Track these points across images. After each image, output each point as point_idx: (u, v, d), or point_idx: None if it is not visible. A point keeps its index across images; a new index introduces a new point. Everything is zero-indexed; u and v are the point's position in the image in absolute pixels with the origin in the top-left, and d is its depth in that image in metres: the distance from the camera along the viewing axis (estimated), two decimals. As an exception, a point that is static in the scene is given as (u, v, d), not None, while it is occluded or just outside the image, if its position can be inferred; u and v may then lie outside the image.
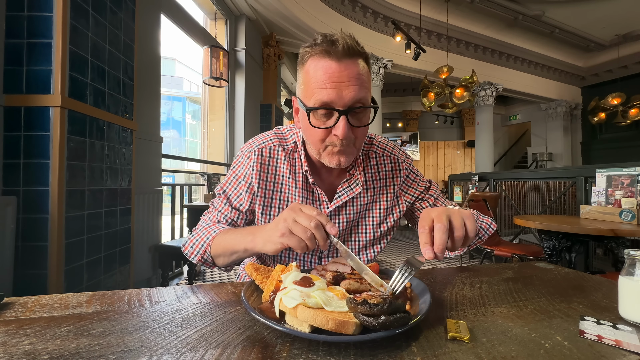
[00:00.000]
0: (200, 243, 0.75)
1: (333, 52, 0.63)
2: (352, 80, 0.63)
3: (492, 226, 0.83)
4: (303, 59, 0.67)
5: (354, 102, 0.64)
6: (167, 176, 3.41)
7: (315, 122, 0.66)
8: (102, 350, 0.38)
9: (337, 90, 0.63)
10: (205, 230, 0.77)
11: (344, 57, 0.63)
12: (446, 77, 5.23)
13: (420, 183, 0.87)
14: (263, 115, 5.06)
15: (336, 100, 0.63)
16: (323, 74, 0.63)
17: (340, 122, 0.64)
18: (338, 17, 5.65)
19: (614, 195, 2.09)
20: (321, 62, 0.64)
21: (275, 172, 0.79)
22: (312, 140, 0.70)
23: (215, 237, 0.73)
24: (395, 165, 0.84)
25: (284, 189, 0.78)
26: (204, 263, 0.76)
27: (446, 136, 11.36)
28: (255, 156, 0.78)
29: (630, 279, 0.48)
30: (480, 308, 0.52)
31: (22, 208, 1.38)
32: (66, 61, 1.44)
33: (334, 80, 0.63)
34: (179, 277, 3.13)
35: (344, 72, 0.63)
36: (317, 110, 0.65)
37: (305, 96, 0.67)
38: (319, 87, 0.63)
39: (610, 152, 8.71)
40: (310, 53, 0.66)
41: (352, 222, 0.80)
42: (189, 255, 0.77)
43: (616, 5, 6.09)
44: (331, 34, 0.65)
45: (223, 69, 3.61)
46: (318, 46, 0.64)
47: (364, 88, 0.65)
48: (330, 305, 0.41)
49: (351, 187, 0.78)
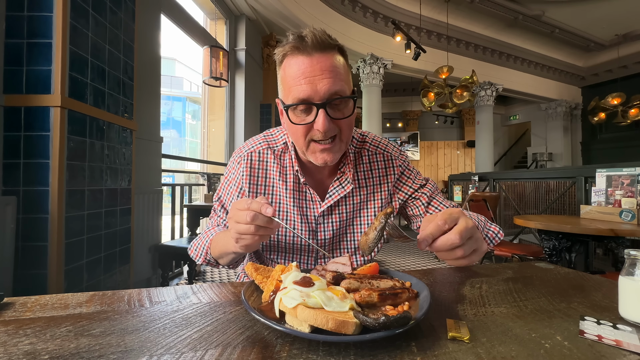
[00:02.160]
0: (201, 246, 0.80)
1: (302, 47, 0.64)
2: (325, 73, 0.63)
3: (499, 235, 0.80)
4: (278, 59, 0.69)
5: (330, 95, 0.64)
6: (167, 176, 3.41)
7: (295, 119, 0.66)
8: (102, 350, 0.38)
9: (311, 85, 0.63)
10: (205, 233, 0.83)
11: (314, 51, 0.63)
12: (446, 77, 5.24)
13: (415, 180, 0.85)
14: (263, 115, 5.06)
15: (312, 94, 0.63)
16: (297, 70, 0.64)
17: (320, 115, 0.64)
18: (338, 17, 5.65)
19: (614, 195, 2.09)
20: (293, 59, 0.65)
21: (265, 175, 0.79)
22: (295, 138, 0.70)
23: (212, 240, 0.78)
24: (389, 162, 0.83)
25: (275, 191, 0.78)
26: (209, 264, 0.81)
27: (446, 136, 11.36)
28: (245, 161, 0.79)
29: (630, 279, 0.48)
30: (480, 308, 0.52)
31: (22, 208, 1.38)
32: (66, 61, 1.44)
33: (307, 75, 0.63)
34: (179, 277, 3.13)
35: (316, 66, 0.63)
36: (296, 107, 0.65)
37: (284, 95, 0.68)
38: (295, 84, 0.64)
39: (610, 152, 8.71)
40: (282, 52, 0.67)
41: (346, 222, 0.80)
42: (195, 257, 0.82)
43: (616, 5, 6.09)
44: (300, 31, 0.66)
45: (223, 69, 3.61)
46: (289, 44, 0.65)
47: (339, 79, 0.64)
48: (330, 305, 0.41)
49: (342, 186, 0.77)
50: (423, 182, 0.86)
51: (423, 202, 0.83)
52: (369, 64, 6.25)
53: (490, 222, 0.82)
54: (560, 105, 9.25)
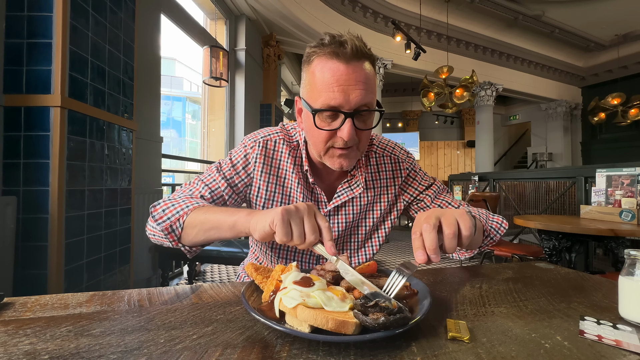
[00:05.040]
0: (176, 209, 0.67)
1: (341, 54, 0.62)
2: (359, 84, 0.62)
3: (503, 225, 0.78)
4: (310, 58, 0.66)
5: (360, 106, 0.63)
6: (167, 176, 3.41)
7: (321, 124, 0.66)
8: (102, 350, 0.38)
9: (344, 94, 0.62)
10: (187, 199, 0.70)
11: (352, 60, 0.62)
12: (446, 77, 5.23)
13: (421, 182, 0.84)
14: (263, 115, 5.06)
15: (343, 103, 0.63)
16: (330, 76, 0.62)
17: (346, 124, 0.64)
18: (338, 17, 5.65)
19: (614, 195, 2.09)
20: (329, 64, 0.63)
21: (278, 165, 0.78)
22: (315, 141, 0.70)
23: (196, 208, 0.66)
24: (396, 165, 0.83)
25: (287, 183, 0.78)
26: (168, 234, 0.66)
27: (446, 136, 11.36)
28: (260, 147, 0.77)
29: (630, 279, 0.48)
30: (480, 308, 0.52)
31: (22, 208, 1.38)
32: (66, 61, 1.44)
33: (342, 83, 0.62)
34: (179, 277, 3.14)
35: (351, 75, 0.62)
36: (323, 112, 0.64)
37: (310, 97, 0.66)
38: (326, 89, 0.63)
39: (610, 152, 8.71)
40: (317, 53, 0.65)
41: (352, 223, 0.80)
42: (157, 218, 0.67)
43: (616, 5, 6.09)
44: (339, 35, 0.64)
45: (223, 69, 3.61)
46: (326, 47, 0.63)
47: (370, 91, 0.64)
48: (330, 305, 0.41)
49: (351, 188, 0.78)
50: (429, 184, 0.85)
51: (427, 204, 0.84)
52: (369, 64, 6.24)
53: (492, 214, 0.81)
54: (560, 105, 9.25)
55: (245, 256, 1.37)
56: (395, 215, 0.84)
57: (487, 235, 0.76)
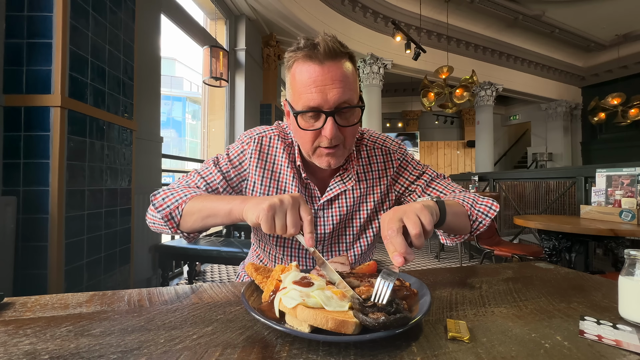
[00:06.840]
0: (175, 197, 0.70)
1: (315, 56, 0.64)
2: (335, 82, 0.65)
3: (493, 207, 0.76)
4: (288, 63, 0.69)
5: (339, 103, 0.65)
6: (167, 176, 3.41)
7: (304, 125, 0.68)
8: (102, 350, 0.38)
9: (321, 94, 0.64)
10: (185, 188, 0.74)
11: (326, 60, 0.65)
12: (446, 77, 5.23)
13: (412, 172, 0.84)
14: (263, 115, 5.06)
15: (322, 103, 0.65)
16: (307, 77, 0.65)
17: (328, 123, 0.66)
18: (338, 17, 5.65)
19: (614, 195, 2.09)
20: (305, 66, 0.66)
21: (273, 160, 0.80)
22: (302, 142, 0.72)
23: (194, 197, 0.70)
24: (387, 156, 0.84)
25: (282, 177, 0.80)
26: (168, 221, 0.70)
27: (446, 136, 11.36)
28: (255, 143, 0.80)
29: (630, 279, 0.48)
30: (480, 308, 0.52)
31: (22, 208, 1.38)
32: (66, 61, 1.44)
33: (318, 83, 0.64)
34: (179, 277, 3.14)
35: (327, 75, 0.64)
36: (305, 113, 0.67)
37: (293, 100, 0.70)
38: (305, 90, 0.65)
39: (610, 152, 8.71)
40: (294, 57, 0.68)
41: (346, 216, 0.81)
42: (157, 206, 0.70)
43: (616, 5, 6.09)
44: (312, 38, 0.66)
45: (223, 69, 3.61)
46: (301, 50, 0.66)
47: (348, 88, 0.66)
48: (330, 305, 0.41)
49: (343, 181, 0.79)
50: (420, 173, 0.84)
51: (418, 194, 0.83)
52: (369, 64, 6.25)
53: (481, 197, 0.79)
54: (560, 106, 9.25)
55: (245, 256, 1.37)
56: (388, 206, 0.84)
57: (475, 220, 0.76)
